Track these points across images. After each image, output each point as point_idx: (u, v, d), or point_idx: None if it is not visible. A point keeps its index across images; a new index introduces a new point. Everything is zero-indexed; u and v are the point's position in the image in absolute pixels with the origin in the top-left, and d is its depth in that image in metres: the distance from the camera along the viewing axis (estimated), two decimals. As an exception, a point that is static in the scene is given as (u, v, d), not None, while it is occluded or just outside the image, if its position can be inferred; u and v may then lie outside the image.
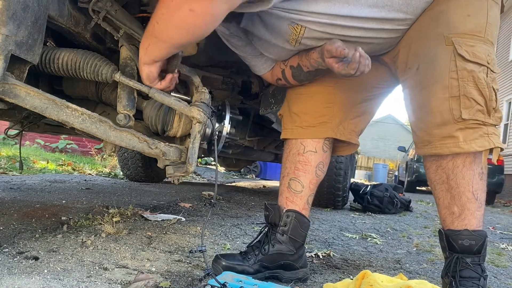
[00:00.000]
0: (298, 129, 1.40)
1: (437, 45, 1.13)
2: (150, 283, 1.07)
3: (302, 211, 1.35)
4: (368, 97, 1.43)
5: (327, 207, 3.54)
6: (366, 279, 1.03)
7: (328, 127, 1.37)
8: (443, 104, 1.10)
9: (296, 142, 1.39)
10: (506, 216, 5.00)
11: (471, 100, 1.08)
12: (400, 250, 2.04)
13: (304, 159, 1.37)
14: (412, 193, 8.92)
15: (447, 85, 1.09)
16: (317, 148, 1.37)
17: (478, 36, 1.12)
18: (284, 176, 1.40)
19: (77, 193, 2.72)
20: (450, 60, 1.10)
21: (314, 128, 1.37)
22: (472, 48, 1.10)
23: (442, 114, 1.10)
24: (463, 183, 1.13)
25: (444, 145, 1.12)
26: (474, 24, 1.12)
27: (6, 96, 0.92)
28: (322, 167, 1.39)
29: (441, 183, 1.18)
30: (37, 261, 1.18)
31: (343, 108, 1.38)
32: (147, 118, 1.26)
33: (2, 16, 0.82)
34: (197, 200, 3.02)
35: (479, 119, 1.09)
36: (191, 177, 5.82)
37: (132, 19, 1.24)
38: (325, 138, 1.38)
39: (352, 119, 1.41)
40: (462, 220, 1.14)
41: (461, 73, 1.09)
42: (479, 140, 1.09)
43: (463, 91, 1.08)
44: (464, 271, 1.12)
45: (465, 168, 1.13)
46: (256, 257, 1.29)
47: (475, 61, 1.09)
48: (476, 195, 1.13)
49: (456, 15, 1.13)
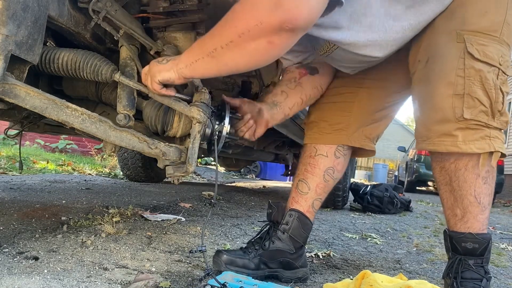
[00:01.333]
0: (315, 135, 1.42)
1: (449, 41, 1.11)
2: (150, 283, 1.07)
3: (306, 213, 1.35)
4: (388, 103, 1.42)
5: (327, 207, 3.54)
6: (366, 279, 1.03)
7: (342, 134, 1.38)
8: (446, 101, 1.08)
9: (310, 146, 1.41)
10: (506, 216, 5.00)
11: (475, 100, 1.06)
12: (400, 250, 2.04)
13: (314, 161, 1.38)
14: (412, 193, 8.92)
15: (453, 82, 1.07)
16: (328, 153, 1.38)
17: (492, 35, 1.09)
18: (296, 177, 1.43)
19: (77, 193, 2.72)
20: (459, 57, 1.08)
21: (330, 135, 1.39)
22: (483, 47, 1.07)
23: (443, 111, 1.08)
24: (465, 187, 1.11)
25: (441, 142, 1.10)
26: (490, 22, 1.09)
27: (6, 96, 0.92)
28: (332, 173, 1.38)
29: (445, 184, 1.16)
30: (37, 261, 1.18)
31: (360, 116, 1.39)
32: (146, 118, 1.26)
33: (2, 16, 0.82)
34: (197, 200, 3.02)
35: (481, 120, 1.06)
36: (191, 177, 5.82)
37: (132, 19, 1.24)
38: (338, 144, 1.38)
39: (368, 125, 1.40)
40: (465, 222, 1.13)
41: (468, 71, 1.06)
42: (479, 142, 1.07)
43: (468, 90, 1.06)
44: (466, 272, 1.11)
45: (467, 171, 1.11)
46: (256, 252, 1.30)
47: (485, 61, 1.06)
48: (479, 199, 1.11)
49: (472, 10, 1.10)
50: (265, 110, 1.31)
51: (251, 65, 0.98)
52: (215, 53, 0.93)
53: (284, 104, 1.35)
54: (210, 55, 0.94)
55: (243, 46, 0.89)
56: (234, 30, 0.89)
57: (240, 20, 0.89)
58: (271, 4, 0.84)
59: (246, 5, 0.88)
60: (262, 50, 0.90)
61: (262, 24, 0.85)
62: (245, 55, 0.92)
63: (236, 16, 0.90)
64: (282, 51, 0.94)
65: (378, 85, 1.37)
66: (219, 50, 0.92)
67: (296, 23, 0.86)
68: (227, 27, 0.91)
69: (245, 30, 0.87)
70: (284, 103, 1.35)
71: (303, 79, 1.38)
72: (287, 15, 0.84)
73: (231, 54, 0.92)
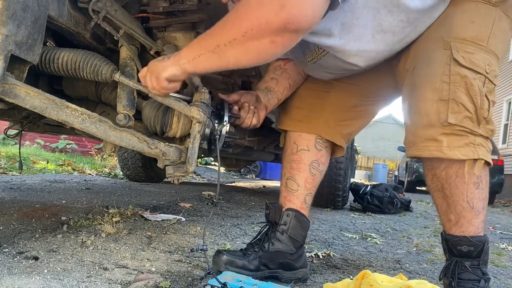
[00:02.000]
0: (288, 121, 1.44)
1: (436, 48, 1.12)
2: (150, 283, 1.07)
3: (300, 210, 1.36)
4: (364, 102, 1.43)
5: (327, 207, 3.54)
6: (366, 279, 1.03)
7: (314, 124, 1.39)
8: (431, 106, 1.08)
9: (290, 142, 1.42)
10: (506, 216, 5.01)
11: (460, 105, 1.05)
12: (400, 250, 2.04)
13: (298, 157, 1.39)
14: (412, 193, 8.92)
15: (438, 87, 1.07)
16: (309, 146, 1.38)
17: (479, 44, 1.09)
18: (283, 176, 1.43)
19: (77, 193, 2.72)
20: (445, 63, 1.08)
21: (302, 123, 1.40)
22: (469, 55, 1.08)
23: (428, 116, 1.08)
24: (457, 193, 1.11)
25: (426, 147, 1.09)
26: (476, 32, 1.10)
27: (6, 96, 0.92)
28: (317, 166, 1.39)
29: (437, 191, 1.16)
30: (37, 261, 1.18)
31: (334, 108, 1.40)
32: (146, 119, 1.26)
33: (2, 16, 0.82)
34: (197, 200, 3.02)
35: (466, 126, 1.06)
36: (191, 177, 5.82)
37: (132, 19, 1.24)
38: (316, 137, 1.39)
39: (341, 121, 1.41)
40: (460, 227, 1.13)
41: (453, 77, 1.07)
42: (463, 149, 1.06)
43: (452, 95, 1.06)
44: (463, 274, 1.12)
45: (458, 178, 1.10)
46: (256, 254, 1.30)
47: (470, 68, 1.07)
48: (472, 204, 1.11)
49: (460, 20, 1.12)
50: (261, 96, 1.37)
51: (253, 62, 1.01)
52: (217, 49, 0.95)
53: (276, 89, 1.40)
54: (212, 51, 0.97)
55: (246, 44, 0.92)
56: (238, 28, 0.91)
57: (244, 19, 0.91)
58: (276, 5, 0.86)
59: (251, 5, 0.90)
60: (265, 49, 0.92)
61: (267, 24, 0.88)
62: (247, 53, 0.94)
63: (240, 15, 0.92)
64: (284, 50, 0.97)
65: (358, 82, 1.37)
66: (221, 47, 0.94)
67: (300, 24, 0.88)
68: (231, 25, 0.93)
69: (248, 29, 0.90)
70: (276, 88, 1.40)
71: (287, 66, 1.43)
72: (291, 16, 0.86)
73: (234, 52, 0.94)
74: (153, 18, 1.29)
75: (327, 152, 1.42)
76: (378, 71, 1.31)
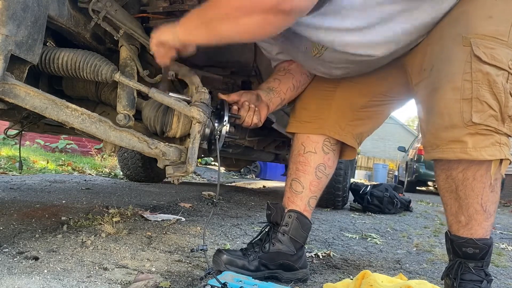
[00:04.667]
0: (295, 123, 1.43)
1: (454, 46, 1.07)
2: (150, 283, 1.07)
3: (303, 212, 1.35)
4: (373, 103, 1.40)
5: (327, 207, 3.54)
6: (366, 279, 1.03)
7: (322, 124, 1.37)
8: (453, 106, 1.03)
9: (298, 143, 1.41)
10: (506, 216, 5.00)
11: (484, 104, 1.01)
12: (400, 250, 2.04)
13: (304, 159, 1.37)
14: (412, 193, 8.91)
15: (459, 86, 1.03)
16: (316, 148, 1.37)
17: (500, 39, 1.05)
18: (288, 176, 1.42)
19: (77, 193, 2.72)
20: (466, 61, 1.04)
21: (309, 124, 1.39)
22: (491, 50, 1.03)
23: (451, 116, 1.04)
24: (472, 195, 1.08)
25: (450, 149, 1.05)
26: (495, 26, 1.06)
27: (6, 96, 0.92)
28: (324, 169, 1.38)
29: (450, 192, 1.12)
30: (37, 261, 1.18)
31: (342, 107, 1.38)
32: (145, 119, 1.26)
33: (2, 16, 0.82)
34: (197, 200, 3.02)
35: (491, 125, 1.02)
36: (191, 177, 5.82)
37: (132, 19, 1.24)
38: (324, 139, 1.37)
39: (351, 121, 1.39)
40: (469, 229, 1.11)
41: (475, 75, 1.02)
42: (489, 149, 1.02)
43: (475, 94, 1.02)
44: (466, 275, 1.10)
45: (475, 180, 1.07)
46: (256, 254, 1.30)
47: (493, 64, 1.02)
48: (485, 207, 1.09)
49: (477, 15, 1.07)
50: (262, 95, 1.36)
51: (245, 38, 1.05)
52: (210, 23, 1.00)
53: (279, 89, 1.40)
54: (205, 24, 1.01)
55: (238, 20, 0.95)
56: (231, 4, 0.95)
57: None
58: None
59: None
60: (256, 26, 0.95)
61: (260, 1, 0.91)
62: (238, 28, 0.97)
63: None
64: (276, 30, 1.00)
65: (366, 81, 1.35)
66: (215, 21, 0.99)
67: (293, 6, 0.91)
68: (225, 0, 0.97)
69: (241, 5, 0.93)
70: (279, 88, 1.40)
71: (291, 67, 1.43)
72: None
73: (226, 26, 0.98)
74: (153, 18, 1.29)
75: (334, 155, 1.40)
76: (387, 70, 1.30)
